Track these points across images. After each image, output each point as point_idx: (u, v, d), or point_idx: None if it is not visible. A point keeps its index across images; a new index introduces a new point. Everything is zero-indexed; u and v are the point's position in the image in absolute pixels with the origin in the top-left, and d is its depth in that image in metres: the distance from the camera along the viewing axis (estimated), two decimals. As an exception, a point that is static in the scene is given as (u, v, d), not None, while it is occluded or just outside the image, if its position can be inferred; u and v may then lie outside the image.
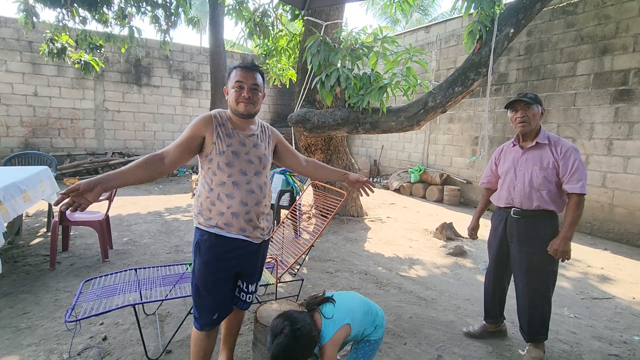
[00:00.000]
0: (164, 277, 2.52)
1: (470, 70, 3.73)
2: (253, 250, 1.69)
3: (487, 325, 2.43)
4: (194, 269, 1.62)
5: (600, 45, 5.05)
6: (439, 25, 7.92)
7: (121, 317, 2.50)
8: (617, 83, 4.89)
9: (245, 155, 1.60)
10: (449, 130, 7.60)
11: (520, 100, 2.09)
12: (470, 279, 3.51)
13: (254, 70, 1.61)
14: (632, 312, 2.95)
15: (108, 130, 9.38)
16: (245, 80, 1.57)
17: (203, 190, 1.62)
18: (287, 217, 3.49)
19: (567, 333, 2.54)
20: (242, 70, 1.58)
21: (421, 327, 2.54)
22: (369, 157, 10.15)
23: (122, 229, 4.67)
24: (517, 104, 2.10)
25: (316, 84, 4.13)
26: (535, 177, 2.07)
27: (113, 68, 9.28)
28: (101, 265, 3.41)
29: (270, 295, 2.82)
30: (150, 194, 7.25)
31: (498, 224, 2.27)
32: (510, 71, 6.26)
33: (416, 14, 17.21)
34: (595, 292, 3.32)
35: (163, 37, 7.40)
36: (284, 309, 2.02)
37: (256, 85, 1.60)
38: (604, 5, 5.00)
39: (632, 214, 4.81)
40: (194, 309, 1.65)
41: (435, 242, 4.66)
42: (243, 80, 1.57)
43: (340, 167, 5.44)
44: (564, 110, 5.50)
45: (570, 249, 2.02)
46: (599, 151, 5.11)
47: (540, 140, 2.09)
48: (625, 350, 2.36)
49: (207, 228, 1.59)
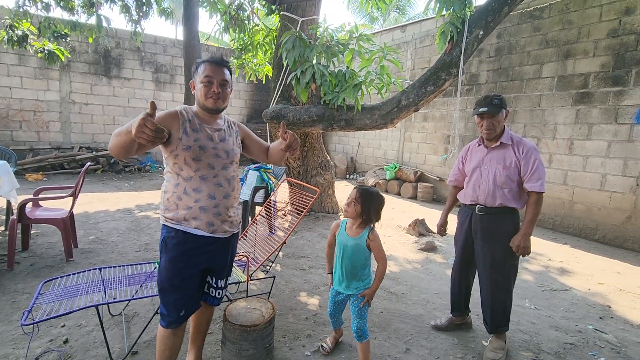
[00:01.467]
0: (131, 276, 2.44)
1: (441, 70, 3.82)
2: (222, 245, 1.67)
3: (453, 318, 2.51)
4: (160, 265, 1.60)
5: (563, 49, 5.29)
6: (414, 25, 8.05)
7: (84, 318, 2.41)
8: (579, 86, 5.15)
9: (212, 149, 1.59)
10: (423, 128, 7.76)
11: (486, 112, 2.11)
12: (440, 274, 3.62)
13: (223, 65, 1.59)
14: (587, 302, 3.13)
15: (75, 124, 8.96)
16: (214, 75, 1.55)
17: (169, 185, 1.59)
18: (260, 214, 3.46)
19: (527, 324, 2.67)
20: (210, 65, 1.56)
21: (391, 321, 2.60)
22: (345, 154, 10.23)
23: (89, 226, 4.49)
24: (484, 113, 2.14)
25: (291, 80, 4.11)
26: (499, 176, 2.15)
27: (80, 58, 8.85)
28: (64, 265, 3.27)
29: (241, 293, 2.80)
30: (120, 190, 7.00)
31: (464, 220, 2.35)
32: (481, 72, 6.46)
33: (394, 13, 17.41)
34: (555, 284, 3.50)
35: (134, 28, 7.13)
36: (254, 307, 2.02)
37: (225, 81, 1.58)
38: (567, 11, 5.24)
39: (590, 210, 5.10)
40: (160, 307, 1.62)
41: (408, 238, 4.76)
42: (212, 75, 1.55)
43: (316, 164, 5.46)
44: (530, 111, 5.74)
45: (530, 244, 2.12)
46: (561, 150, 5.38)
47: (504, 141, 2.17)
48: (580, 339, 2.50)
49: (174, 224, 1.57)
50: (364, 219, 1.88)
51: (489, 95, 2.19)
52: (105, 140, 9.36)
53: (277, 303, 2.74)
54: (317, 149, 5.48)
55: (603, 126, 4.93)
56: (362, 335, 1.92)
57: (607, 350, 2.38)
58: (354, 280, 1.93)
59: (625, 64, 4.70)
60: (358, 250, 1.88)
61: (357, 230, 1.90)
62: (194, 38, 7.59)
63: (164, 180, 1.64)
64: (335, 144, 10.72)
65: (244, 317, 1.91)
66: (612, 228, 4.89)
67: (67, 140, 8.90)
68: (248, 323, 1.86)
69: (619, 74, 4.76)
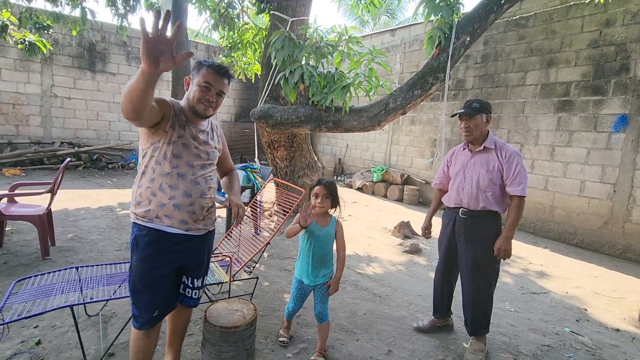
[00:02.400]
0: (109, 275, 2.38)
1: (429, 75, 3.86)
2: (196, 243, 1.64)
3: (435, 320, 2.54)
4: (132, 265, 1.55)
5: (547, 57, 5.43)
6: (403, 30, 8.14)
7: (59, 319, 2.33)
8: (561, 94, 5.29)
9: (194, 149, 1.57)
10: (411, 132, 7.84)
11: (463, 113, 2.21)
12: (424, 276, 3.65)
13: (225, 76, 1.57)
14: (565, 305, 3.21)
15: (56, 118, 8.71)
16: (214, 84, 1.53)
17: (144, 179, 1.55)
18: (245, 214, 3.43)
19: (507, 326, 2.72)
20: (214, 72, 1.53)
21: (374, 323, 2.60)
22: (333, 156, 10.24)
23: (68, 224, 4.37)
24: (462, 115, 2.23)
25: (280, 79, 4.09)
26: (482, 180, 2.18)
27: (64, 51, 8.61)
28: (40, 263, 3.16)
29: (224, 293, 2.76)
30: (103, 187, 6.83)
31: (447, 223, 2.38)
32: (468, 78, 6.57)
33: (384, 17, 17.55)
34: (534, 287, 3.58)
35: (120, 22, 6.98)
36: (235, 308, 1.99)
37: (222, 92, 1.58)
38: (551, 21, 5.38)
39: (569, 215, 5.24)
40: (132, 307, 1.58)
41: (393, 240, 4.79)
42: (212, 84, 1.53)
43: (303, 164, 5.44)
44: (514, 117, 5.86)
45: (511, 247, 2.15)
46: (543, 156, 5.51)
47: (487, 145, 2.21)
48: (557, 340, 2.56)
49: (146, 222, 1.53)
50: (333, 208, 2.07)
51: (470, 99, 2.26)
52: (89, 136, 9.14)
53: (260, 304, 2.72)
54: (304, 150, 5.46)
55: (583, 134, 5.07)
56: (324, 318, 2.09)
57: (583, 352, 2.44)
58: (322, 268, 2.07)
59: (604, 74, 4.85)
60: (328, 238, 2.05)
61: (326, 220, 2.07)
62: (183, 35, 7.50)
63: (138, 175, 1.58)
64: (324, 145, 10.72)
65: (225, 319, 1.88)
66: (589, 233, 5.03)
67: (48, 135, 8.64)
68: (229, 324, 1.83)
69: (598, 83, 4.91)
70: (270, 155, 5.45)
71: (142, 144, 1.55)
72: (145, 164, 1.54)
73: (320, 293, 2.09)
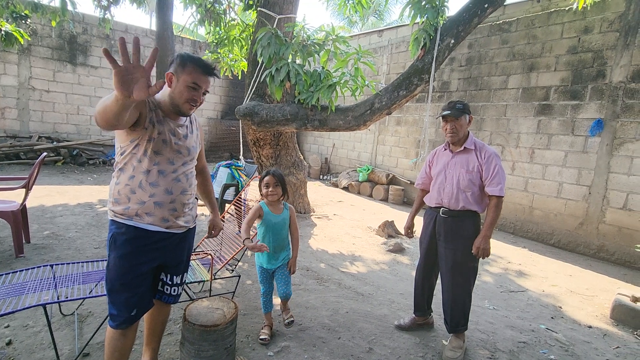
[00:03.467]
0: (86, 273, 2.32)
1: (414, 76, 3.90)
2: (177, 241, 1.62)
3: (416, 318, 2.57)
4: (109, 263, 1.51)
5: (528, 62, 5.57)
6: (391, 31, 8.20)
7: (32, 318, 2.26)
8: (541, 98, 5.44)
9: (174, 145, 1.53)
10: (396, 132, 7.92)
11: (449, 115, 2.23)
12: (406, 275, 3.69)
13: (212, 75, 1.54)
14: (541, 303, 3.30)
15: (34, 112, 8.42)
16: (202, 85, 1.50)
17: (122, 176, 1.50)
18: (227, 212, 3.40)
19: (485, 323, 2.78)
20: (202, 72, 1.49)
21: (356, 321, 2.62)
22: (320, 155, 10.25)
23: (44, 221, 4.23)
24: (447, 116, 2.25)
25: (266, 77, 4.06)
26: (462, 180, 2.23)
27: (42, 42, 8.33)
28: (13, 261, 3.05)
29: (205, 292, 2.73)
30: (82, 183, 6.65)
31: (429, 222, 2.42)
32: (453, 80, 6.68)
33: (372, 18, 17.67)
34: (513, 285, 3.67)
35: (103, 14, 6.80)
36: (216, 307, 1.97)
37: (207, 92, 1.57)
38: (533, 26, 5.52)
39: (547, 215, 5.39)
40: (109, 306, 1.54)
41: (377, 239, 4.83)
42: (200, 85, 1.49)
43: (289, 163, 5.43)
44: (496, 120, 5.99)
45: (489, 246, 2.20)
46: (523, 159, 5.65)
47: (467, 146, 2.25)
48: (532, 337, 2.63)
49: (125, 220, 1.49)
50: (283, 196, 2.23)
51: (453, 100, 2.30)
52: (68, 130, 8.87)
53: (242, 303, 2.70)
54: (290, 148, 5.45)
55: (561, 137, 5.23)
56: (288, 295, 2.29)
57: (557, 348, 2.51)
58: (282, 252, 2.25)
59: (582, 79, 5.01)
60: (284, 224, 2.23)
61: (280, 207, 2.23)
62: (168, 29, 7.36)
63: (115, 171, 1.54)
64: (310, 144, 10.72)
65: (205, 317, 1.86)
66: (566, 233, 5.19)
67: (25, 129, 8.35)
68: (208, 323, 1.81)
69: (576, 88, 5.07)
70: (256, 153, 5.42)
71: (121, 141, 1.50)
72: (125, 161, 1.50)
73: (282, 275, 2.25)
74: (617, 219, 4.70)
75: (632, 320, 2.96)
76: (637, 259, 4.47)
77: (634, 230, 4.55)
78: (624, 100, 4.65)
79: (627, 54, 4.62)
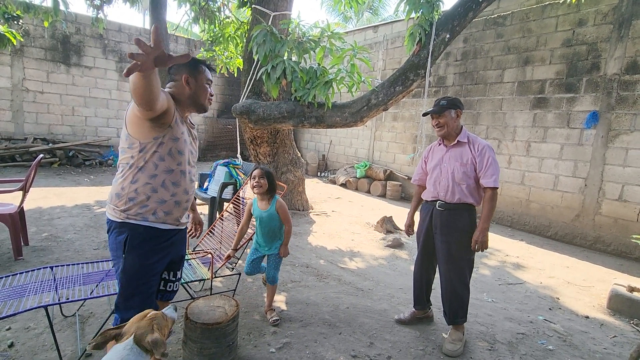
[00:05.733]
0: (86, 274, 2.32)
1: (410, 71, 3.91)
2: (182, 235, 1.71)
3: (415, 311, 2.59)
4: (125, 265, 1.48)
5: (523, 56, 5.59)
6: (386, 26, 8.19)
7: (33, 320, 2.26)
8: (536, 91, 5.46)
9: (190, 145, 1.63)
10: (393, 128, 7.93)
11: (432, 112, 2.34)
12: (405, 269, 3.72)
13: (213, 72, 1.72)
14: (539, 295, 3.34)
15: (29, 113, 8.36)
16: (211, 80, 1.67)
17: (141, 175, 1.47)
18: (227, 210, 3.40)
19: (484, 316, 2.81)
20: (208, 70, 1.66)
21: (357, 316, 2.64)
22: (317, 152, 10.25)
23: (42, 223, 4.22)
24: (430, 113, 2.35)
25: (262, 75, 4.06)
26: (457, 173, 2.25)
27: (35, 43, 8.25)
28: (13, 263, 3.05)
29: (206, 290, 2.74)
30: (79, 185, 6.62)
31: (425, 216, 2.44)
32: (449, 75, 6.68)
33: (367, 13, 17.61)
34: (511, 278, 3.71)
35: (96, 14, 6.74)
36: (217, 305, 1.99)
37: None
38: (527, 20, 5.54)
39: (544, 208, 5.44)
40: (119, 311, 1.52)
41: (375, 234, 4.86)
42: (211, 80, 1.66)
43: (286, 160, 5.43)
44: (492, 114, 6.02)
45: (487, 239, 2.22)
46: (520, 152, 5.68)
47: (460, 139, 2.29)
48: (531, 329, 2.67)
49: (139, 221, 1.48)
50: (270, 191, 2.37)
51: (439, 98, 2.41)
52: (64, 131, 8.81)
53: (242, 300, 2.71)
54: (287, 146, 5.45)
55: (557, 130, 5.26)
56: (274, 281, 2.47)
57: (555, 339, 2.55)
58: (275, 242, 2.43)
59: (577, 72, 5.03)
60: (272, 218, 2.37)
61: (267, 204, 2.37)
62: (162, 27, 7.30)
63: (129, 169, 1.48)
64: (308, 141, 10.71)
65: (207, 315, 1.87)
66: (563, 225, 5.23)
67: (20, 131, 8.29)
68: (210, 321, 1.82)
69: (571, 81, 5.09)
70: (253, 151, 5.41)
71: (142, 137, 1.44)
72: (146, 159, 1.46)
73: (273, 260, 2.45)
74: (613, 210, 4.75)
75: (628, 310, 3.00)
76: (633, 249, 4.52)
77: (629, 221, 4.60)
78: (618, 93, 4.68)
79: (621, 46, 4.64)
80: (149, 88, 1.21)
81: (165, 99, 1.38)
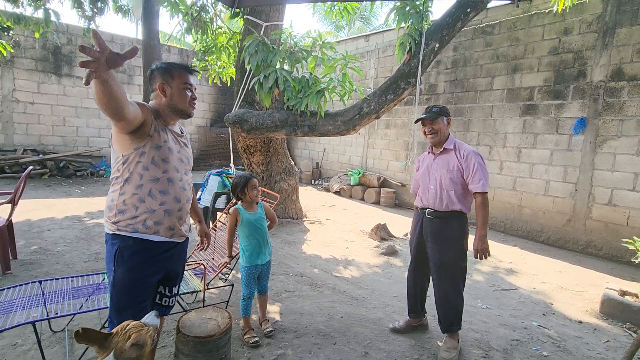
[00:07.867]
0: (76, 288, 2.29)
1: (401, 80, 3.96)
2: (178, 250, 1.66)
3: (410, 320, 2.58)
4: (115, 278, 1.48)
5: (512, 64, 5.69)
6: (377, 35, 8.30)
7: (21, 336, 2.21)
8: (525, 98, 5.55)
9: (177, 153, 1.60)
10: (386, 135, 7.99)
11: (426, 117, 2.34)
12: (400, 277, 3.71)
13: (194, 72, 1.63)
14: (532, 300, 3.35)
15: (19, 124, 8.27)
16: (192, 84, 1.60)
17: (127, 186, 1.48)
18: (219, 220, 3.38)
19: (479, 323, 2.81)
20: (187, 72, 1.58)
21: (351, 325, 2.63)
22: (311, 160, 10.27)
23: (31, 235, 4.15)
24: (424, 120, 2.35)
25: (254, 84, 4.08)
26: (444, 179, 2.28)
27: (26, 54, 8.21)
28: (0, 278, 2.98)
29: (198, 302, 2.70)
30: (70, 196, 6.54)
31: (416, 224, 2.45)
32: (439, 82, 6.78)
33: (358, 23, 17.84)
34: (504, 284, 3.72)
35: (87, 24, 6.74)
36: (209, 317, 1.96)
37: (195, 88, 1.64)
38: (515, 29, 5.65)
39: (536, 213, 5.49)
40: (112, 324, 1.50)
41: (370, 242, 4.85)
42: (191, 84, 1.59)
43: (280, 169, 5.43)
44: (483, 121, 6.10)
45: (487, 246, 2.19)
46: (511, 158, 5.75)
47: (447, 146, 2.32)
48: (525, 335, 2.67)
49: (130, 233, 1.48)
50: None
51: (430, 105, 2.42)
52: (55, 142, 8.72)
53: (236, 312, 2.68)
54: (281, 154, 5.45)
55: (546, 136, 5.34)
56: (265, 290, 2.49)
57: (549, 344, 2.55)
58: (267, 246, 2.43)
59: (564, 79, 5.14)
60: (263, 219, 2.42)
61: (255, 207, 2.42)
62: (154, 38, 7.33)
63: (116, 182, 1.51)
64: (301, 149, 10.73)
65: (199, 328, 1.85)
66: (554, 230, 5.28)
67: (9, 142, 8.19)
68: (202, 334, 1.80)
69: (559, 88, 5.19)
70: (247, 160, 5.41)
71: (123, 150, 1.47)
72: (130, 169, 1.47)
73: (267, 271, 2.46)
74: (603, 215, 4.81)
75: (620, 314, 3.02)
76: (624, 253, 4.57)
77: (619, 225, 4.66)
78: (604, 99, 4.78)
79: (605, 54, 4.76)
80: (109, 94, 1.20)
81: (138, 110, 1.38)
